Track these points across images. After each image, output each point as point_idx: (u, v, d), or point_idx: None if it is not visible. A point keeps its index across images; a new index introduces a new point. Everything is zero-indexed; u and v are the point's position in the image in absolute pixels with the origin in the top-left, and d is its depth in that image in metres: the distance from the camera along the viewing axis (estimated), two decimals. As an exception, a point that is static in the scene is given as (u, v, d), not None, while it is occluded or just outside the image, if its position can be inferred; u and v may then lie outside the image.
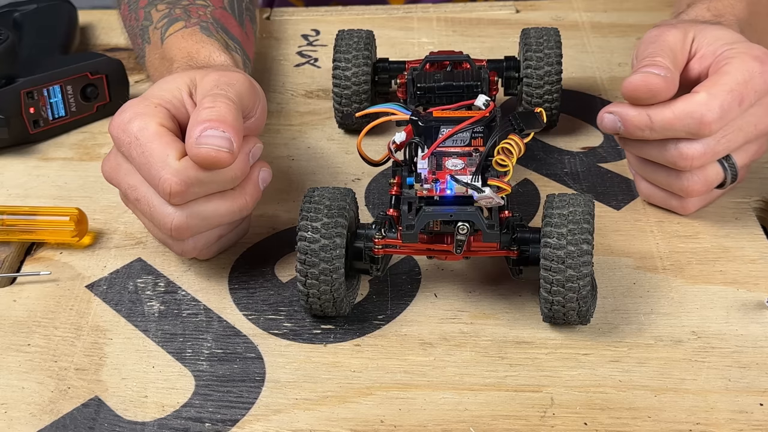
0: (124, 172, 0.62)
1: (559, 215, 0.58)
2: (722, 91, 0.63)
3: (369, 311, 0.63)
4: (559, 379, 0.58)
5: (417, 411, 0.56)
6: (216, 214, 0.61)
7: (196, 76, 0.64)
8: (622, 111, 0.65)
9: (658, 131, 0.64)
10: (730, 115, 0.63)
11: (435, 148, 0.63)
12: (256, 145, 0.63)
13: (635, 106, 0.65)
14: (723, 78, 0.63)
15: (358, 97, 0.76)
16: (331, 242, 0.58)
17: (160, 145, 0.60)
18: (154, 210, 0.61)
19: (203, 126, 0.59)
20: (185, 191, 0.59)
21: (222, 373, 0.59)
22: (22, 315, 0.63)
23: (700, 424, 0.55)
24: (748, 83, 0.63)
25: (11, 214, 0.68)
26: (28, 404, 0.57)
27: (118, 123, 0.61)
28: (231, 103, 0.61)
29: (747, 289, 0.63)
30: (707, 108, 0.62)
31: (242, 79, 0.64)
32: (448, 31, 0.93)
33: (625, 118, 0.65)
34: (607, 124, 0.66)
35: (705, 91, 0.63)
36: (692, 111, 0.63)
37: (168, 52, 0.73)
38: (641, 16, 0.94)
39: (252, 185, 0.63)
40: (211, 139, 0.58)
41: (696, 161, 0.64)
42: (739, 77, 0.63)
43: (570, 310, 0.58)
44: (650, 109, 0.64)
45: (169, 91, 0.63)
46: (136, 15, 0.79)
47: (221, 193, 0.62)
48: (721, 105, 0.62)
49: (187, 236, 0.62)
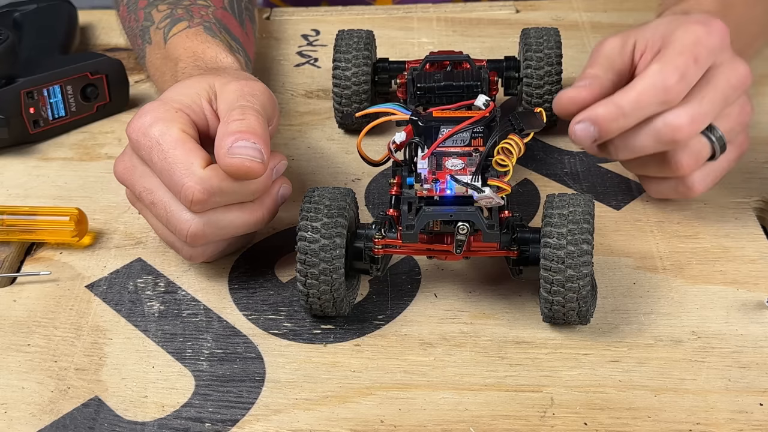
0: (139, 174, 0.62)
1: (559, 215, 0.58)
2: (673, 56, 0.63)
3: (369, 311, 0.63)
4: (559, 379, 0.58)
5: (417, 411, 0.56)
6: (232, 224, 0.62)
7: (215, 83, 0.64)
8: (588, 114, 0.64)
9: (631, 113, 0.63)
10: (690, 74, 0.63)
11: (435, 148, 0.63)
12: (281, 162, 0.64)
13: (599, 102, 0.64)
14: (670, 47, 0.64)
15: (358, 97, 0.76)
16: (331, 242, 0.58)
17: (184, 152, 0.60)
18: (171, 215, 0.61)
19: (234, 137, 0.59)
20: (207, 200, 0.59)
21: (222, 373, 0.59)
22: (22, 315, 0.63)
23: (700, 424, 0.55)
24: (696, 44, 0.63)
25: (11, 214, 0.68)
26: (28, 404, 0.57)
27: (138, 126, 0.61)
28: (259, 116, 0.61)
29: (747, 289, 0.63)
30: (664, 74, 0.63)
31: (264, 89, 0.64)
32: (448, 31, 0.93)
33: (595, 118, 0.64)
34: (581, 134, 0.64)
35: (656, 62, 0.63)
36: (652, 82, 0.63)
37: (172, 52, 0.73)
38: (641, 16, 0.94)
39: (271, 200, 0.63)
40: (244, 150, 0.59)
41: (687, 128, 0.63)
42: (686, 41, 0.64)
43: (570, 310, 0.58)
44: (614, 97, 0.64)
45: (188, 96, 0.63)
46: (135, 16, 0.79)
47: (240, 204, 0.62)
48: (675, 67, 0.63)
49: (201, 243, 0.62)
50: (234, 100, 0.62)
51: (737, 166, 0.69)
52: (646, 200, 0.71)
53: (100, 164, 0.77)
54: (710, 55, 0.64)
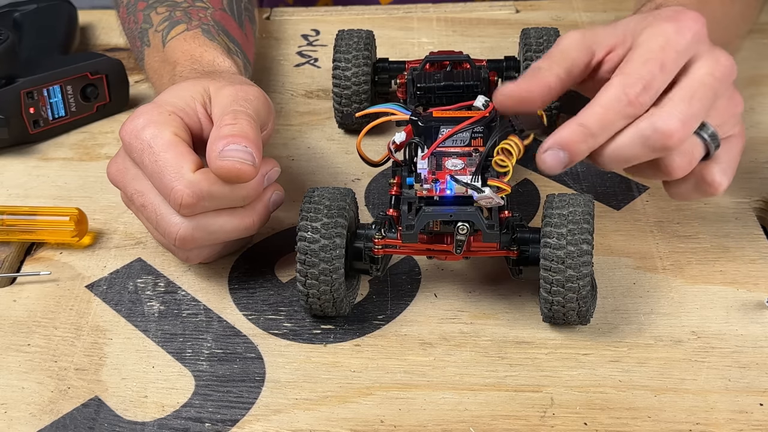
0: (131, 176, 0.62)
1: (559, 215, 0.58)
2: (637, 65, 0.60)
3: (369, 311, 0.63)
4: (559, 379, 0.58)
5: (417, 411, 0.56)
6: (222, 229, 0.62)
7: (210, 87, 0.64)
8: (554, 139, 0.58)
9: (599, 132, 0.59)
10: (656, 82, 0.59)
11: (435, 148, 0.63)
12: (273, 169, 0.64)
13: (563, 125, 0.59)
14: (635, 53, 0.60)
15: (358, 97, 0.76)
16: (331, 242, 0.58)
17: (175, 156, 0.60)
18: (160, 218, 0.61)
19: (226, 140, 0.59)
20: (196, 204, 0.59)
21: (222, 373, 0.59)
22: (22, 315, 0.63)
23: (700, 424, 0.55)
24: (664, 48, 0.60)
25: (11, 214, 0.68)
26: (28, 404, 0.57)
27: (130, 129, 0.61)
28: (252, 120, 0.61)
29: (747, 289, 0.63)
30: (627, 86, 0.59)
31: (258, 94, 0.64)
32: (448, 31, 0.93)
33: (562, 142, 0.58)
34: (551, 162, 0.58)
35: (618, 74, 0.60)
36: (616, 95, 0.59)
37: (170, 56, 0.73)
38: (641, 16, 0.94)
39: (262, 206, 0.63)
40: (235, 153, 0.59)
41: (679, 133, 0.59)
42: (652, 45, 0.60)
43: (570, 310, 0.58)
44: (578, 117, 0.59)
45: (182, 99, 0.63)
46: (134, 18, 0.79)
47: (230, 209, 0.62)
48: (639, 77, 0.59)
49: (191, 247, 0.62)
50: (228, 104, 0.62)
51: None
52: (646, 200, 0.71)
53: (100, 164, 0.77)
54: (681, 56, 0.60)
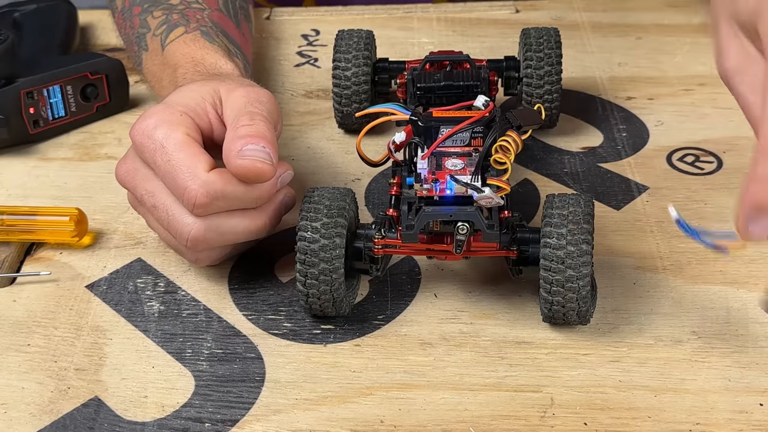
0: (141, 176, 0.62)
1: (559, 215, 0.58)
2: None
3: (369, 311, 0.63)
4: (559, 379, 0.58)
5: (417, 411, 0.56)
6: (233, 231, 0.62)
7: (221, 89, 0.64)
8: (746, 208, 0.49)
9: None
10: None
11: (435, 148, 0.63)
12: (287, 171, 0.64)
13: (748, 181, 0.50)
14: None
15: (358, 97, 0.76)
16: (331, 242, 0.58)
17: (188, 155, 0.60)
18: (172, 219, 0.61)
19: (245, 140, 0.59)
20: (210, 203, 0.59)
21: (222, 373, 0.59)
22: (22, 315, 0.63)
23: (700, 424, 0.55)
24: None
25: (11, 214, 0.68)
26: (28, 404, 0.57)
27: (142, 128, 0.61)
28: (267, 122, 0.62)
29: (747, 289, 0.63)
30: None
31: (269, 96, 0.65)
32: (448, 31, 0.93)
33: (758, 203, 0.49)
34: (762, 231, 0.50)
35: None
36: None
37: (170, 59, 0.73)
38: (641, 16, 0.94)
39: (274, 208, 0.63)
40: (254, 152, 0.59)
41: None
42: None
43: (570, 310, 0.58)
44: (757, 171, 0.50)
45: (193, 99, 0.63)
46: (131, 23, 0.79)
47: (242, 211, 0.62)
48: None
49: (202, 248, 0.62)
50: (242, 105, 0.63)
51: (738, 166, 0.69)
52: (646, 200, 0.71)
53: (100, 164, 0.77)
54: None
